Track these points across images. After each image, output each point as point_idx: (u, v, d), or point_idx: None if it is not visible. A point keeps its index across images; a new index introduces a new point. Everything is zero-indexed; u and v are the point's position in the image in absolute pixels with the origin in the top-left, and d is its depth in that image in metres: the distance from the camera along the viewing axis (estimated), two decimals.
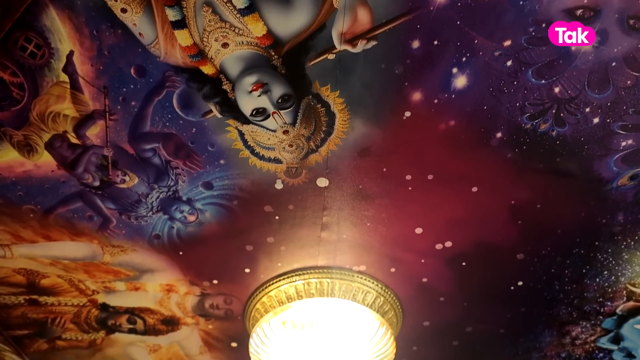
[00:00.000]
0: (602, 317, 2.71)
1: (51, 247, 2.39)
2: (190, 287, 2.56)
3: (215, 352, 2.94)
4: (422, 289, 2.55)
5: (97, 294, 2.62)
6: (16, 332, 2.84)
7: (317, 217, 2.21)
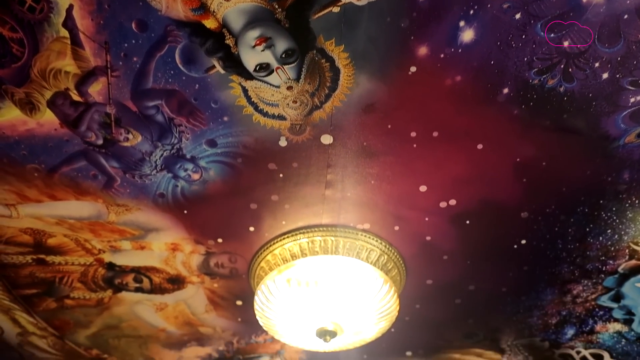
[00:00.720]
0: (603, 276, 2.73)
1: (56, 206, 2.40)
2: (195, 245, 2.58)
3: (220, 310, 2.98)
4: (425, 247, 2.56)
5: (103, 253, 2.65)
6: (25, 291, 2.88)
7: (321, 174, 2.21)
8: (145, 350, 3.33)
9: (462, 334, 3.16)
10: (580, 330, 3.08)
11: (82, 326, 3.14)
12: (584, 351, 3.24)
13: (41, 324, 3.12)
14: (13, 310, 3.02)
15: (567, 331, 3.10)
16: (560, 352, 3.26)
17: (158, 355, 3.37)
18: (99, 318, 3.08)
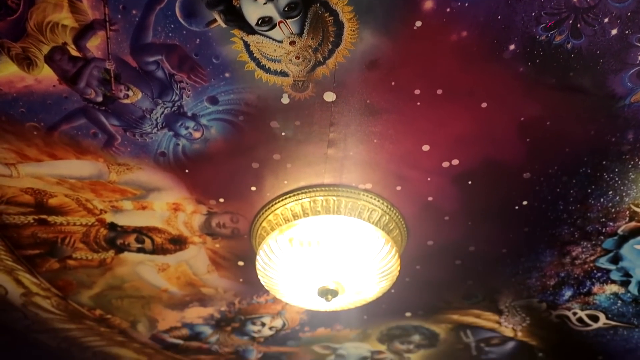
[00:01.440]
0: (603, 238, 2.74)
1: (57, 165, 2.39)
2: (197, 205, 2.58)
3: (222, 270, 3.01)
4: (427, 208, 2.56)
5: (104, 213, 2.65)
6: (28, 251, 2.89)
7: (323, 133, 2.19)
8: (148, 311, 3.37)
9: (461, 295, 3.19)
10: (577, 291, 3.12)
11: (85, 287, 3.16)
12: (580, 312, 3.28)
13: (44, 285, 3.15)
14: (16, 271, 3.04)
15: (565, 293, 3.14)
16: (557, 314, 3.31)
17: (160, 315, 3.41)
18: (102, 279, 3.10)
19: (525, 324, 3.42)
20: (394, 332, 3.55)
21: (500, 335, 3.55)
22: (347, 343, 3.69)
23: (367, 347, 3.73)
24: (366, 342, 3.68)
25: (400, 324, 3.46)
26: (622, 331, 3.41)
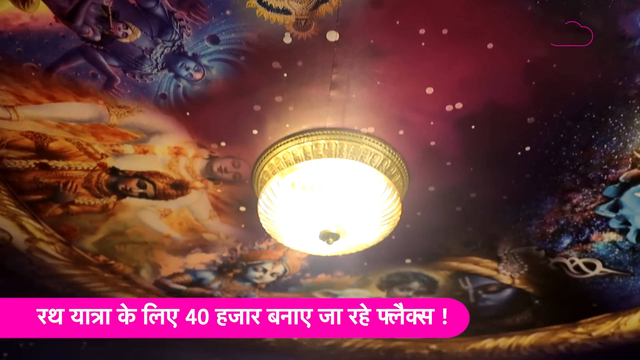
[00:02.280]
0: (604, 185, 2.75)
1: (56, 108, 2.36)
2: (198, 149, 2.57)
3: (224, 216, 3.03)
4: (429, 153, 2.56)
5: (105, 157, 2.64)
6: (30, 197, 2.90)
7: (326, 74, 2.15)
8: (150, 257, 3.42)
9: (461, 242, 3.23)
10: (576, 239, 3.15)
11: (88, 232, 3.19)
12: (577, 260, 3.33)
13: (48, 230, 3.18)
14: (19, 217, 3.06)
15: (564, 240, 3.17)
16: (554, 261, 3.35)
17: (163, 261, 3.46)
18: (105, 224, 3.12)
19: (523, 272, 3.48)
20: (393, 279, 3.61)
21: (498, 283, 3.61)
22: (347, 289, 3.76)
23: (366, 293, 3.80)
24: (366, 289, 3.75)
25: (400, 270, 3.51)
26: (617, 279, 3.47)
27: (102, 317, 2.91)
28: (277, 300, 3.08)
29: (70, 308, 2.91)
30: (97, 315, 2.92)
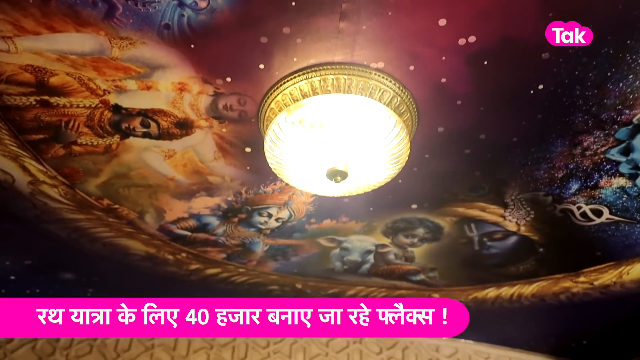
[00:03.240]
0: (617, 127, 2.70)
1: (56, 39, 2.29)
2: (203, 85, 2.50)
3: (229, 158, 2.98)
4: (439, 91, 2.49)
5: (108, 94, 2.58)
6: (32, 136, 2.86)
7: (336, 4, 2.07)
8: (155, 201, 3.40)
9: (468, 186, 3.19)
10: (584, 185, 3.11)
11: (91, 175, 3.16)
12: (584, 207, 3.30)
13: (51, 172, 3.14)
14: (22, 158, 3.02)
15: (572, 186, 3.14)
16: (561, 207, 3.33)
17: (168, 205, 3.44)
18: (108, 166, 3.09)
19: (529, 218, 3.46)
20: (398, 225, 3.59)
21: (503, 230, 3.60)
22: (352, 236, 3.75)
23: (371, 240, 3.80)
24: (371, 235, 3.74)
25: (406, 216, 3.50)
26: (623, 227, 3.46)
27: (102, 317, 2.95)
28: (277, 300, 3.10)
29: (70, 308, 2.95)
30: (97, 315, 2.96)
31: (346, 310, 3.01)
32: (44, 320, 2.92)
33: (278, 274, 4.36)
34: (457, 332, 3.01)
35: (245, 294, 4.78)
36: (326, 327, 3.00)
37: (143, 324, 2.99)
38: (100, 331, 3.04)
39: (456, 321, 3.03)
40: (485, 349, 5.77)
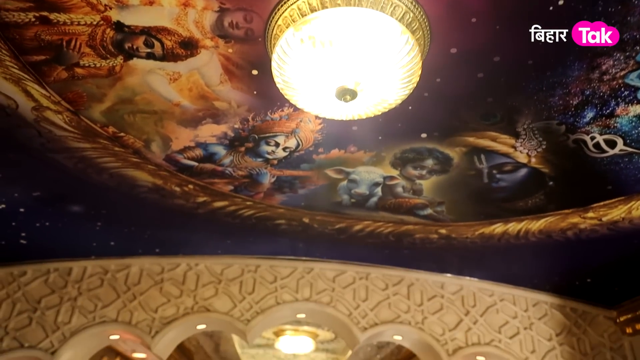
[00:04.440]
0: (638, 48, 2.58)
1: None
2: (208, 0, 2.40)
3: (235, 81, 2.90)
4: (453, 7, 2.37)
5: (109, 9, 2.48)
6: (33, 57, 2.79)
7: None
8: (160, 128, 3.35)
9: (479, 114, 3.11)
10: (599, 113, 3.03)
11: (96, 100, 3.10)
12: (598, 137, 3.23)
13: (54, 97, 3.09)
14: (24, 81, 2.96)
15: (586, 114, 3.05)
16: (574, 138, 3.26)
17: (174, 133, 3.39)
18: (112, 90, 3.03)
19: (540, 149, 3.39)
20: (407, 156, 3.54)
21: (513, 162, 3.55)
22: (360, 167, 3.71)
23: (379, 172, 3.76)
24: (379, 167, 3.70)
25: (415, 146, 3.44)
26: (636, 159, 3.39)
27: None
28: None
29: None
30: None
31: None
32: None
33: (285, 208, 4.36)
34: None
35: (252, 229, 4.82)
36: None
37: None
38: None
39: None
40: (489, 286, 5.85)
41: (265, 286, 5.46)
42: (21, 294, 5.36)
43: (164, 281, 5.47)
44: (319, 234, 4.88)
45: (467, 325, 5.54)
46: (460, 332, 5.49)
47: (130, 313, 5.27)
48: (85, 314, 5.26)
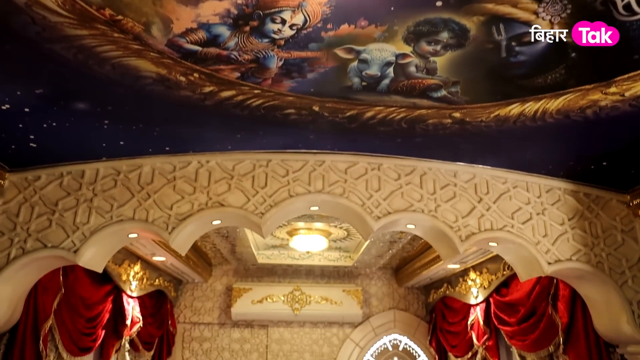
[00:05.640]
0: None
1: None
2: None
3: None
4: None
5: None
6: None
7: None
8: (160, 8, 3.15)
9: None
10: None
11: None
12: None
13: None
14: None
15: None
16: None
17: (174, 13, 3.20)
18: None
19: (564, 14, 3.17)
20: (421, 29, 3.33)
21: (534, 30, 3.34)
22: (371, 45, 3.51)
23: (391, 49, 3.57)
24: (391, 43, 3.50)
25: (429, 17, 3.22)
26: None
27: None
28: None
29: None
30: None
31: None
32: None
33: (294, 95, 4.23)
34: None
35: (261, 121, 4.73)
36: None
37: None
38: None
39: None
40: (502, 173, 5.82)
41: (277, 180, 5.46)
42: (38, 198, 5.43)
43: (176, 179, 5.49)
44: (330, 124, 4.78)
45: (480, 212, 5.58)
46: (473, 218, 5.54)
47: (146, 211, 5.34)
48: (103, 214, 5.34)
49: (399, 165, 5.63)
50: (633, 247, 5.67)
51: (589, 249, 5.60)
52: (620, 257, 5.62)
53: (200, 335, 11.66)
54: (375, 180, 5.55)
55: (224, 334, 11.66)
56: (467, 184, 5.68)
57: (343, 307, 11.19)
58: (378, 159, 5.62)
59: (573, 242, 5.62)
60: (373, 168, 5.60)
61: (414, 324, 11.85)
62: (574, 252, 5.57)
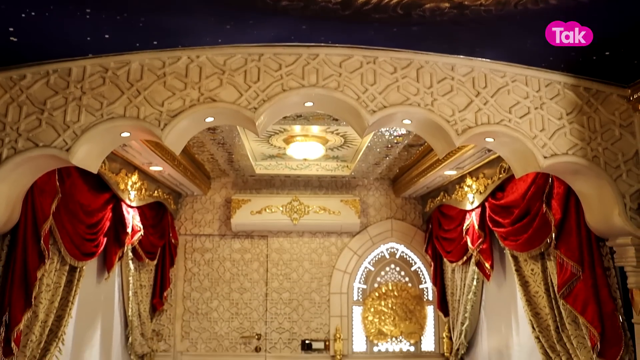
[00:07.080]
0: None
1: None
2: None
3: None
4: None
5: None
6: None
7: None
8: None
9: None
10: None
11: None
12: None
13: None
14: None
15: None
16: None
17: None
18: None
19: None
20: None
21: None
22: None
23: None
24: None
25: None
26: None
27: None
28: None
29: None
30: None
31: None
32: None
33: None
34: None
35: (251, 7, 4.51)
36: None
37: None
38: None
39: None
40: (501, 67, 5.67)
41: (270, 74, 5.31)
42: (25, 97, 5.31)
43: (166, 75, 5.33)
44: (322, 11, 4.55)
45: (477, 106, 5.48)
46: (470, 112, 5.45)
47: (137, 108, 5.24)
48: (93, 112, 5.24)
49: (395, 59, 5.46)
50: (630, 141, 5.63)
51: (585, 143, 5.55)
52: (616, 152, 5.58)
53: (202, 247, 11.94)
54: (371, 73, 5.39)
55: (225, 245, 11.93)
56: (464, 78, 5.53)
57: (341, 217, 11.36)
58: (373, 52, 5.43)
59: (570, 137, 5.57)
60: (368, 61, 5.43)
61: (410, 233, 12.09)
62: (571, 147, 5.53)
